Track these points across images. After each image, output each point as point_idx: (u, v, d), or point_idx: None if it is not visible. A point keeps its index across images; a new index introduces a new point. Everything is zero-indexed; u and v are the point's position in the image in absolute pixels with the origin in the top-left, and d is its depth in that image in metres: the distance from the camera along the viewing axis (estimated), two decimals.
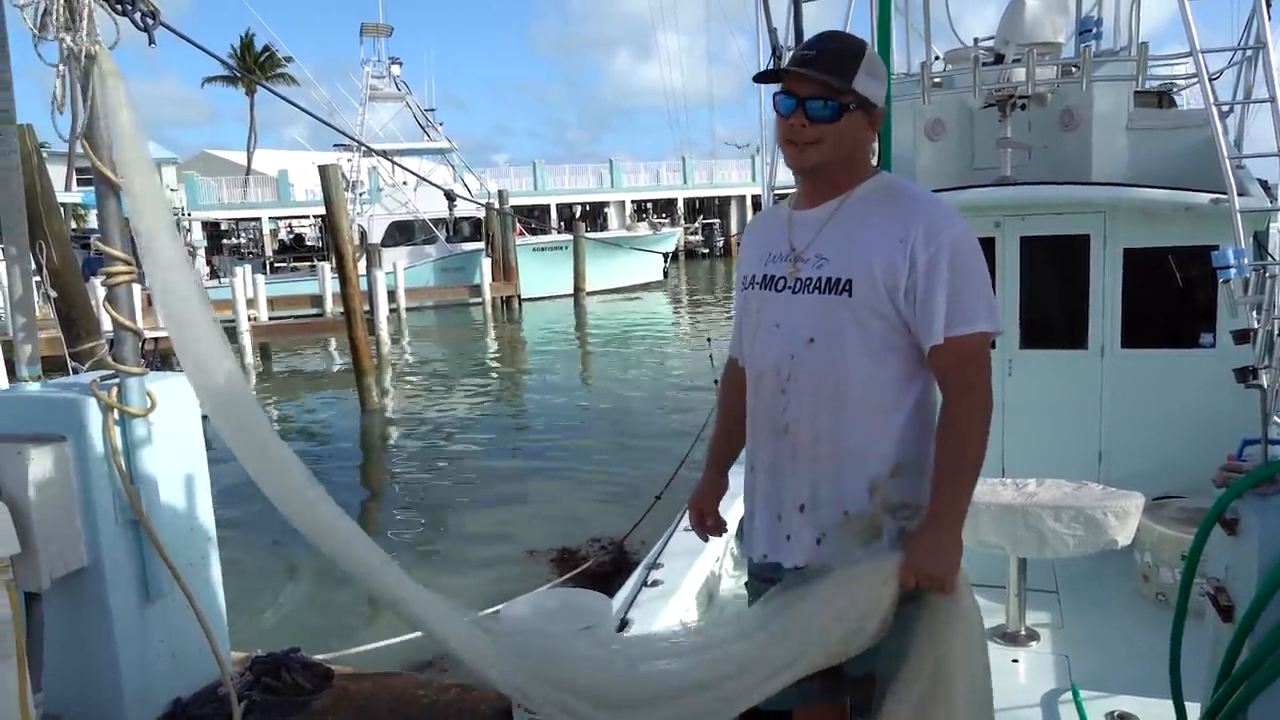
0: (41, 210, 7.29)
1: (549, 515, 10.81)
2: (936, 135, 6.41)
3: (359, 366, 17.22)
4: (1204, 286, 5.39)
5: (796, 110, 1.94)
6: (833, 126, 1.94)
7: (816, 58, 1.94)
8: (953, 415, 1.93)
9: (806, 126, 1.94)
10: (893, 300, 1.92)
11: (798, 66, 1.94)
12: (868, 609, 1.89)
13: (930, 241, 1.88)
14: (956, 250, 1.89)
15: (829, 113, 1.92)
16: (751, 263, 2.15)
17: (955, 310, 1.89)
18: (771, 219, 2.18)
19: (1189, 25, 5.30)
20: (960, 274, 1.89)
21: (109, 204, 2.82)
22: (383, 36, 36.48)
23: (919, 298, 1.90)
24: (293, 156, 47.46)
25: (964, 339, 1.90)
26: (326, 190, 18.77)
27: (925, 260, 1.88)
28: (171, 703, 3.05)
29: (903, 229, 1.91)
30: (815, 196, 2.05)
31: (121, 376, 2.87)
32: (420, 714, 3.07)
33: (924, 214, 1.92)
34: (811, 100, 1.92)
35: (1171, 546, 4.70)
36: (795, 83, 1.94)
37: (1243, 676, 1.90)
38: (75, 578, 2.83)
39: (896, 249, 1.90)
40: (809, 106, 1.93)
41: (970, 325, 1.90)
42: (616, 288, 36.06)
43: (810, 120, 1.93)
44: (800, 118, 1.94)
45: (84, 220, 34.81)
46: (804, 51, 1.98)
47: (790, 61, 1.99)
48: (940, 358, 1.92)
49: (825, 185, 2.03)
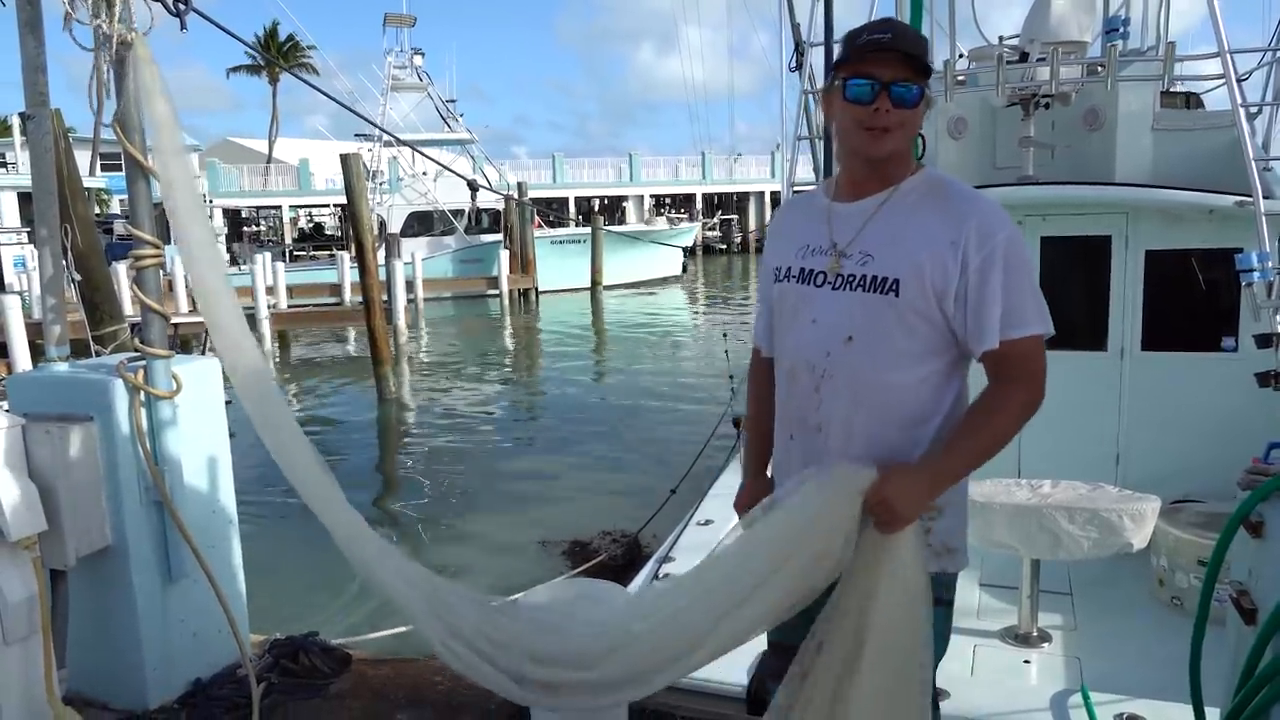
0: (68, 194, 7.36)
1: (561, 507, 10.84)
2: (959, 133, 6.38)
3: (376, 355, 17.30)
4: (1226, 290, 5.35)
5: (880, 94, 1.87)
6: (913, 112, 1.90)
7: (894, 40, 1.86)
8: (996, 392, 1.90)
9: (891, 111, 1.87)
10: (940, 303, 1.88)
11: (876, 54, 1.86)
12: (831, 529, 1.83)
13: (984, 244, 1.85)
14: (1010, 253, 1.86)
15: (914, 97, 1.88)
16: (785, 254, 2.08)
17: (1010, 314, 1.87)
18: (807, 208, 2.11)
19: (1217, 25, 5.26)
20: (1013, 277, 1.86)
21: (139, 188, 2.86)
22: (406, 27, 36.53)
23: (970, 302, 1.87)
24: (314, 145, 47.66)
25: (1019, 342, 1.88)
26: (348, 179, 18.84)
27: (978, 263, 1.85)
28: (191, 682, 3.09)
29: (955, 230, 1.87)
30: (859, 189, 1.99)
31: (148, 359, 2.91)
32: (437, 699, 3.11)
33: (977, 215, 1.88)
34: (897, 85, 1.86)
35: (1188, 551, 4.67)
36: (876, 66, 1.86)
37: (1265, 680, 1.89)
38: (100, 556, 2.88)
39: (948, 251, 1.86)
40: (895, 90, 1.86)
41: (1024, 328, 1.88)
42: (633, 282, 36.04)
43: (894, 105, 1.87)
44: (885, 102, 1.87)
45: (106, 205, 35.10)
46: (875, 36, 1.88)
47: (863, 45, 1.89)
48: (995, 360, 1.90)
49: (877, 177, 1.97)
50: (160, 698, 3.01)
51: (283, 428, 2.46)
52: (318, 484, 2.37)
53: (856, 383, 1.94)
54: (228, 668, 3.18)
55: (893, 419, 1.93)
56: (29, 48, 2.79)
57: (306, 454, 2.41)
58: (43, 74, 2.82)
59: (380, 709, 3.06)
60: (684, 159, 52.69)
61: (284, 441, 2.43)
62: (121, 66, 2.68)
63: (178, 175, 2.62)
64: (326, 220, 52.51)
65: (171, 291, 26.73)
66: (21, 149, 25.43)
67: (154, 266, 2.95)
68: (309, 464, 2.40)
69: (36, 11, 2.79)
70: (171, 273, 26.77)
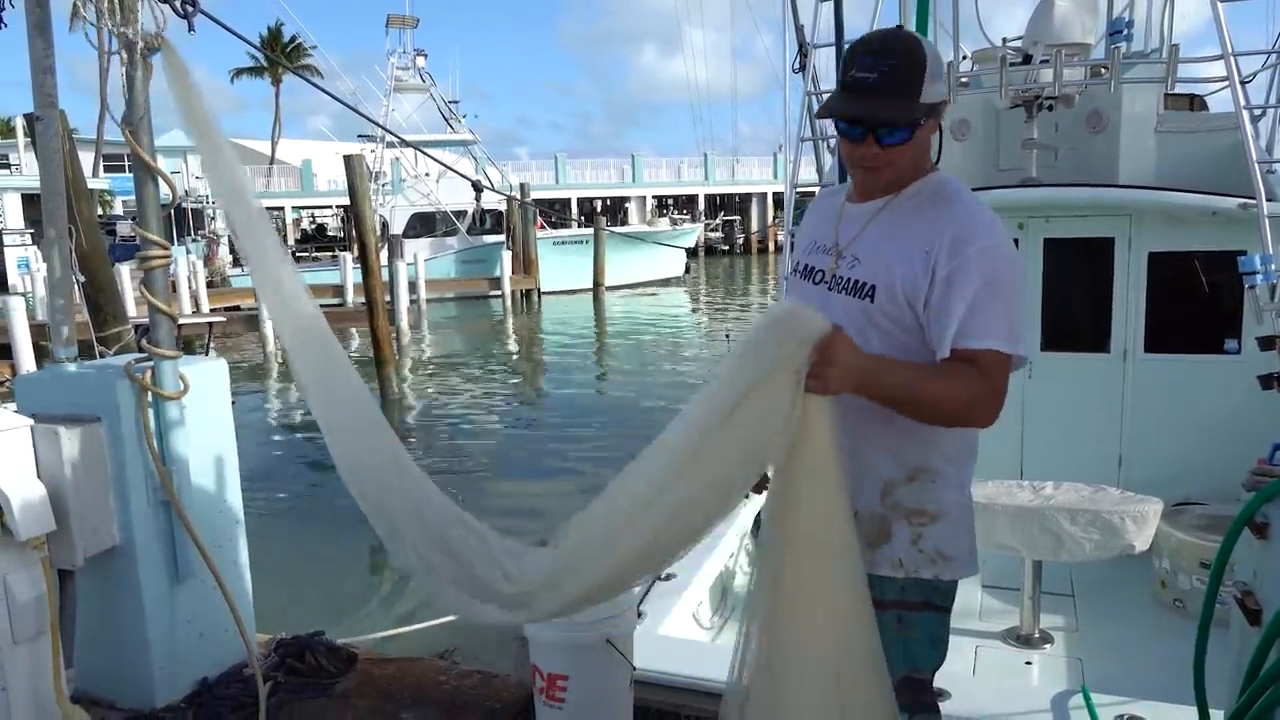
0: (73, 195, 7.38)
1: (563, 507, 10.81)
2: (962, 135, 6.38)
3: (379, 356, 17.35)
4: (1230, 292, 5.35)
5: (868, 137, 1.88)
6: (903, 148, 1.90)
7: (879, 82, 1.82)
8: (961, 369, 1.80)
9: (880, 153, 1.89)
10: (913, 310, 1.88)
11: (859, 96, 1.84)
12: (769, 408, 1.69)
13: (955, 254, 1.83)
14: (982, 264, 1.82)
15: (903, 137, 1.88)
16: (802, 249, 2.13)
17: (969, 324, 1.81)
18: (828, 205, 2.14)
19: (1221, 27, 5.26)
20: (981, 289, 1.81)
21: (147, 190, 2.88)
22: (409, 28, 36.58)
23: (933, 309, 1.85)
24: (316, 146, 47.72)
25: (972, 353, 1.81)
26: (351, 180, 18.88)
27: (946, 273, 1.83)
28: (198, 682, 3.11)
29: (931, 239, 1.86)
30: (866, 192, 2.02)
31: (156, 360, 2.93)
32: (442, 699, 3.12)
33: (957, 225, 1.86)
34: (882, 131, 1.87)
35: (1190, 553, 4.68)
36: (862, 109, 1.87)
37: (1270, 680, 1.90)
38: (107, 556, 2.89)
39: (919, 259, 1.86)
40: (881, 135, 1.87)
41: (982, 340, 1.80)
42: (636, 283, 36.06)
43: (883, 147, 1.88)
44: (873, 145, 1.88)
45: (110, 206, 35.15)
46: (860, 75, 1.84)
47: (846, 85, 1.87)
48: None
49: (881, 185, 1.99)
50: (167, 697, 3.02)
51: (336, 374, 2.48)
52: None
53: None
54: (234, 667, 3.20)
55: (876, 421, 1.90)
56: (37, 49, 2.81)
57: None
58: (51, 75, 2.84)
59: (386, 708, 3.07)
60: (686, 160, 52.73)
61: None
62: (132, 69, 2.70)
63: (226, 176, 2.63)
64: (329, 221, 52.51)
65: (175, 292, 26.85)
66: (26, 150, 25.49)
67: (161, 267, 2.96)
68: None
69: (45, 14, 2.81)
70: (175, 274, 26.89)
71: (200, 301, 27.57)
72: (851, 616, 1.76)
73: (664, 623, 3.94)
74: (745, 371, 1.71)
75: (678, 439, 1.80)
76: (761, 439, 1.71)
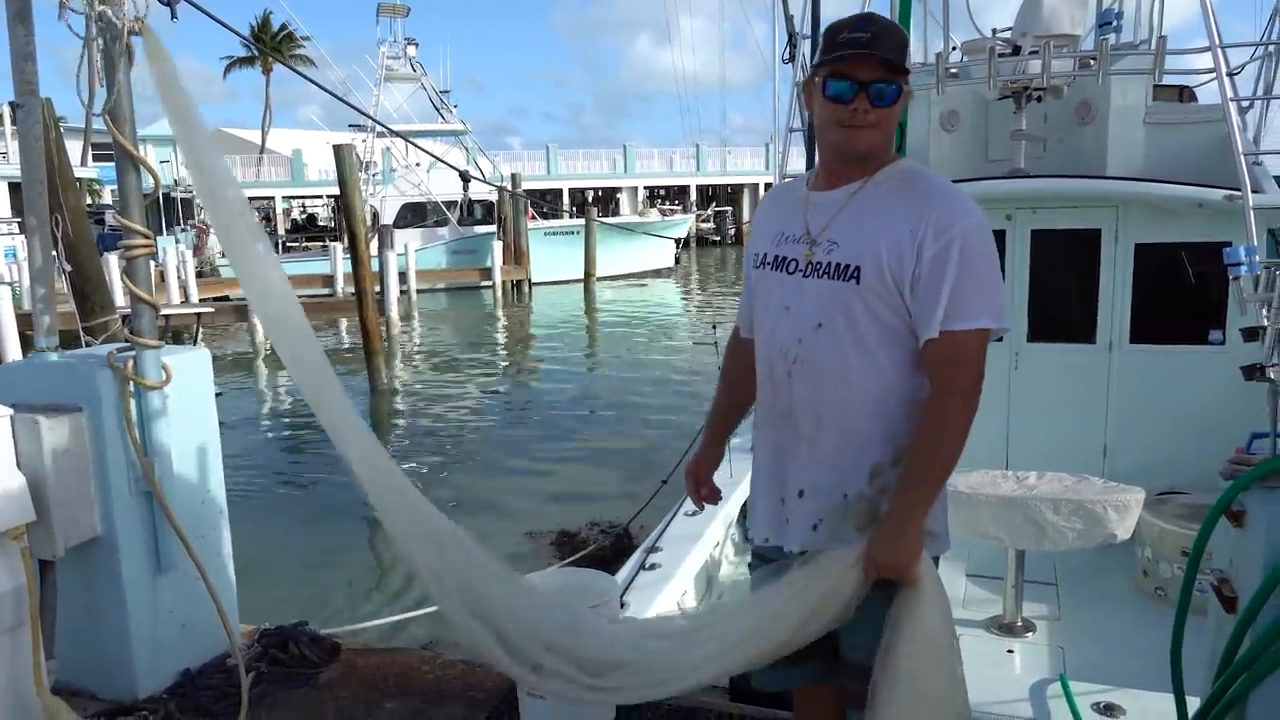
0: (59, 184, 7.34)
1: (551, 498, 10.87)
2: (951, 126, 6.39)
3: (369, 347, 17.28)
4: (1215, 283, 5.37)
5: (859, 94, 1.90)
6: (891, 110, 1.92)
7: (873, 40, 1.88)
8: (935, 412, 1.89)
9: (870, 110, 1.90)
10: (899, 290, 1.90)
11: (858, 49, 1.89)
12: (827, 594, 1.90)
13: (940, 234, 1.86)
14: (966, 244, 1.86)
15: (892, 96, 1.90)
16: (764, 241, 2.12)
17: (956, 305, 1.86)
18: (788, 197, 2.15)
19: (1209, 19, 5.28)
20: (967, 268, 1.86)
21: (129, 178, 2.86)
22: (399, 17, 36.39)
23: (920, 290, 1.88)
24: (307, 136, 47.53)
25: (959, 334, 1.86)
26: (341, 170, 18.77)
27: (933, 253, 1.86)
28: (180, 672, 3.10)
29: (915, 220, 1.88)
30: (837, 178, 2.02)
31: (138, 349, 2.91)
32: (425, 689, 3.12)
33: (938, 205, 1.89)
34: (876, 84, 1.89)
35: (1172, 542, 4.71)
36: (855, 66, 1.89)
37: (1244, 666, 1.92)
38: (89, 547, 2.88)
39: (906, 239, 1.88)
40: (873, 90, 1.89)
41: (969, 321, 1.86)
42: (627, 273, 36.03)
43: (873, 104, 1.90)
44: (864, 102, 1.90)
45: (99, 195, 34.95)
46: (854, 34, 1.90)
47: (839, 45, 1.91)
48: (933, 351, 1.89)
49: (855, 167, 2.00)
50: (149, 688, 3.02)
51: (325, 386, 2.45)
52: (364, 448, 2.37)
53: (825, 369, 1.97)
54: (217, 658, 3.19)
55: (861, 403, 1.95)
56: (18, 36, 2.78)
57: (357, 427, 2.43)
58: (31, 62, 2.81)
59: (369, 698, 3.07)
60: (678, 151, 52.69)
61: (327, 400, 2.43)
62: (113, 56, 2.68)
63: (206, 163, 2.61)
64: (320, 211, 52.38)
65: (163, 282, 26.72)
66: (12, 138, 25.31)
67: (144, 257, 2.94)
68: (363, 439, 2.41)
69: (26, 1, 2.78)
70: (163, 264, 26.77)
71: (189, 291, 27.47)
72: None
73: (648, 611, 3.95)
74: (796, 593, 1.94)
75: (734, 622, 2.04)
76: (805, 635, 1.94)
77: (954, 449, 1.89)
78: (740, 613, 2.03)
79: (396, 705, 3.03)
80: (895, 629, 1.91)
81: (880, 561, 1.88)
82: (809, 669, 2.04)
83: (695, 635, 2.05)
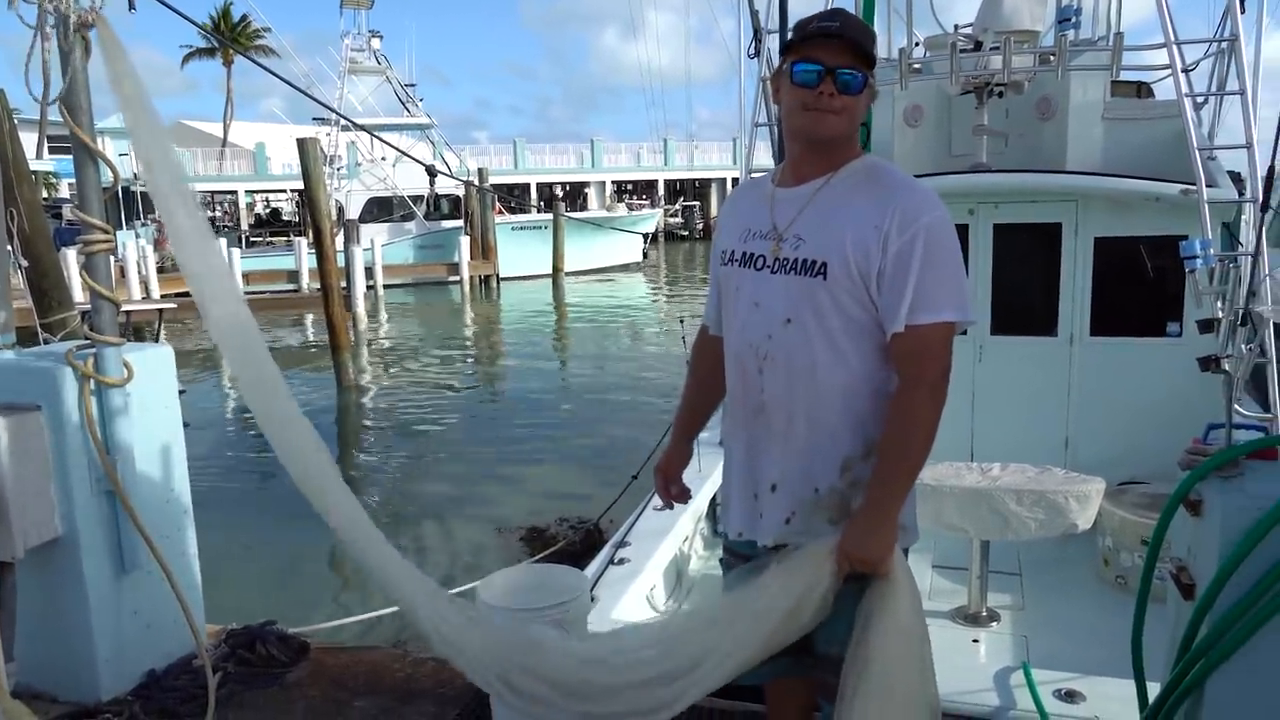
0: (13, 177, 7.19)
1: (521, 494, 10.84)
2: (915, 121, 6.44)
3: (335, 343, 17.13)
4: (1173, 276, 5.47)
5: (826, 79, 1.91)
6: (857, 99, 1.93)
7: (843, 29, 1.91)
8: (903, 406, 1.92)
9: (835, 96, 1.92)
10: (866, 285, 1.92)
11: (828, 36, 1.91)
12: (804, 591, 1.92)
13: (904, 229, 1.88)
14: (930, 238, 1.88)
15: (858, 83, 1.92)
16: (731, 238, 2.13)
17: (920, 299, 1.88)
18: (754, 194, 2.16)
19: (1164, 16, 5.36)
20: (930, 263, 1.88)
21: (88, 172, 2.81)
22: (363, 9, 35.97)
23: (887, 284, 1.90)
24: (270, 129, 46.81)
25: (924, 328, 1.89)
26: (305, 164, 18.57)
27: (898, 248, 1.88)
28: (145, 674, 3.07)
29: (879, 214, 1.90)
30: (801, 173, 2.04)
31: (98, 346, 2.87)
32: (396, 686, 3.11)
33: (902, 200, 1.91)
34: (843, 70, 1.90)
35: (1132, 531, 4.80)
36: (824, 51, 1.91)
37: (1202, 652, 1.96)
38: (49, 547, 2.83)
39: (871, 235, 1.90)
40: (840, 76, 1.90)
41: (934, 314, 1.89)
42: (595, 268, 35.98)
43: (839, 90, 1.91)
44: (830, 85, 1.91)
45: (55, 189, 34.25)
46: (824, 24, 1.93)
47: (812, 33, 1.94)
48: (899, 345, 1.92)
49: (820, 160, 2.01)
50: (113, 690, 2.98)
51: (287, 420, 2.46)
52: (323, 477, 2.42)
53: (794, 364, 1.98)
54: (183, 658, 3.16)
55: (831, 398, 1.97)
56: None
57: (312, 452, 2.45)
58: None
59: (338, 696, 3.06)
60: (646, 145, 52.58)
61: (286, 435, 2.45)
62: (66, 47, 2.63)
63: (156, 157, 2.57)
64: (284, 206, 51.69)
65: (124, 278, 26.27)
66: None
67: (103, 252, 2.89)
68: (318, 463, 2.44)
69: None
70: (124, 259, 26.31)
71: (150, 287, 27.02)
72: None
73: (618, 606, 3.96)
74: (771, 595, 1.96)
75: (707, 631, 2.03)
76: (783, 637, 1.97)
77: (924, 441, 1.91)
78: (719, 623, 2.02)
79: (366, 703, 3.02)
80: (867, 621, 1.92)
81: (854, 555, 1.90)
82: (782, 663, 2.05)
83: (673, 653, 2.02)
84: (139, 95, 2.55)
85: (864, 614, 1.94)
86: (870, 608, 1.93)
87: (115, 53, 2.58)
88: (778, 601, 1.93)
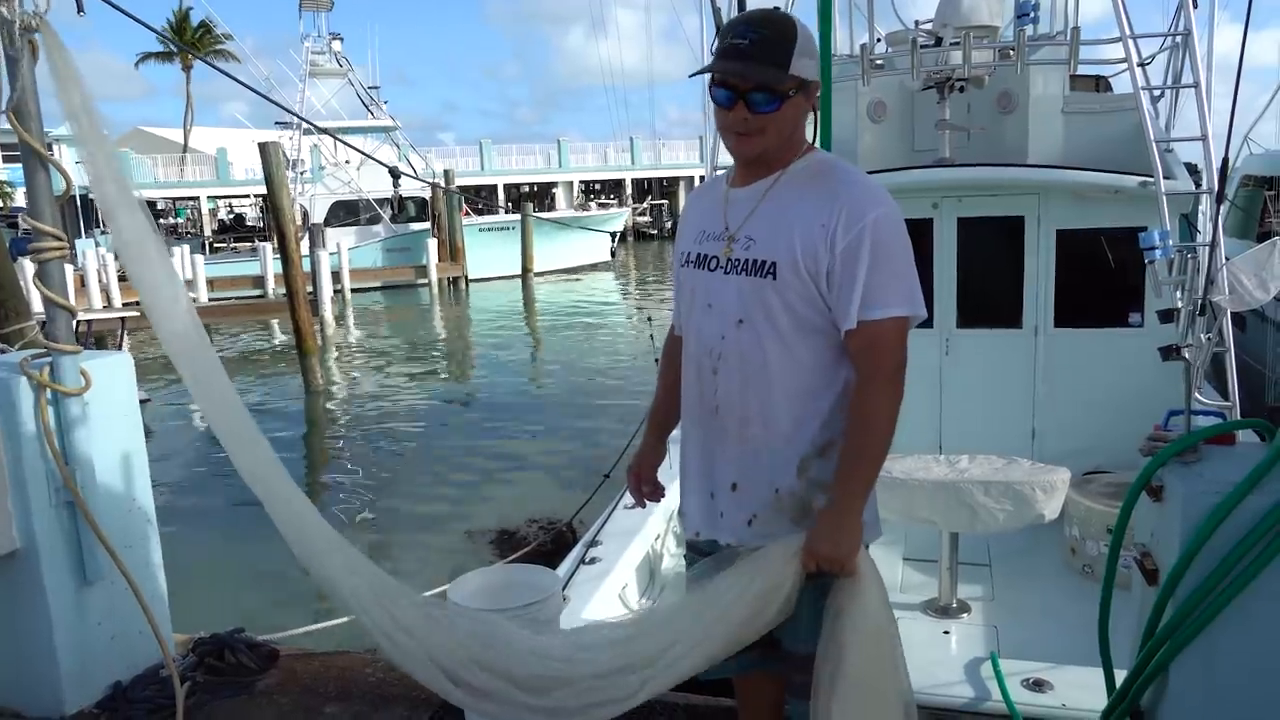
0: None
1: (491, 496, 10.80)
2: (878, 117, 6.48)
3: (302, 348, 16.98)
4: (1133, 268, 5.55)
5: (738, 103, 1.90)
6: (776, 115, 1.91)
7: (751, 48, 1.87)
8: (861, 400, 1.93)
9: (750, 119, 1.91)
10: (815, 284, 1.92)
11: (732, 59, 1.88)
12: (769, 589, 1.92)
13: (851, 226, 1.88)
14: (876, 234, 1.88)
15: (773, 105, 1.90)
16: (688, 239, 2.13)
17: (870, 295, 1.88)
18: (710, 195, 2.16)
19: (1120, 10, 5.44)
20: (879, 258, 1.88)
21: (39, 179, 2.76)
22: (323, 10, 35.66)
23: (837, 282, 1.90)
24: (232, 134, 46.25)
25: (876, 324, 1.89)
26: (267, 169, 18.40)
27: (845, 245, 1.88)
28: (111, 685, 3.01)
29: (825, 213, 1.90)
30: (750, 175, 2.04)
31: (55, 355, 2.82)
32: (367, 691, 3.08)
33: (848, 197, 1.91)
34: (753, 94, 1.89)
35: (1098, 520, 4.86)
36: (735, 71, 1.89)
37: (1165, 636, 1.99)
38: (7, 561, 2.78)
39: (818, 233, 1.90)
40: (751, 99, 1.89)
41: (885, 310, 1.89)
42: (564, 268, 35.93)
43: (753, 113, 1.91)
44: (742, 110, 1.90)
45: (11, 198, 33.64)
46: (735, 41, 1.89)
47: (722, 51, 1.91)
48: (853, 342, 1.92)
49: (760, 168, 2.02)
50: (79, 702, 2.93)
51: (233, 420, 2.45)
52: (266, 471, 2.38)
53: (747, 364, 1.99)
54: (150, 669, 3.11)
55: (784, 398, 1.97)
56: None
57: (257, 444, 2.42)
58: None
59: (309, 703, 3.02)
60: (612, 145, 52.56)
61: (233, 430, 2.43)
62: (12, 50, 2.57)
63: (104, 167, 2.51)
64: (248, 211, 51.12)
65: (84, 287, 25.84)
66: None
67: (56, 259, 2.84)
68: (264, 459, 2.40)
69: None
70: (83, 267, 25.89)
71: (111, 295, 26.60)
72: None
73: (589, 605, 3.95)
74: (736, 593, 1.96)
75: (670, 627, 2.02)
76: (745, 635, 1.97)
77: (883, 436, 1.92)
78: (683, 617, 2.01)
79: (338, 709, 2.99)
80: (837, 619, 1.92)
81: (821, 555, 1.89)
82: (748, 657, 2.05)
83: (637, 646, 2.01)
84: (85, 101, 2.50)
85: (833, 611, 1.93)
86: (839, 605, 1.93)
87: (60, 57, 2.52)
88: (743, 599, 1.93)
